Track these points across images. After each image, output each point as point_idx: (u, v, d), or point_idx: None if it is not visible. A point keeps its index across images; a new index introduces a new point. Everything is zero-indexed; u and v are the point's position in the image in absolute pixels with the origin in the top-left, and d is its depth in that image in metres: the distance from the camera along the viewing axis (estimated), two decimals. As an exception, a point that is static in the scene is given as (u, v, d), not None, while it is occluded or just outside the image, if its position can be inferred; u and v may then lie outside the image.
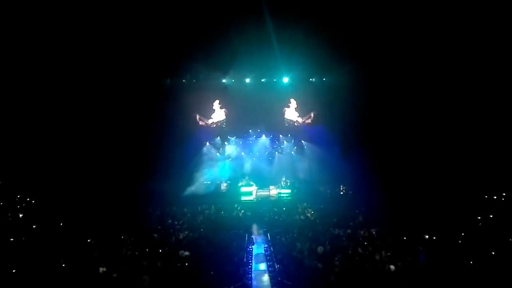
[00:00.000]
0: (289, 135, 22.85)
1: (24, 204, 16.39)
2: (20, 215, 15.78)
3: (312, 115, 21.83)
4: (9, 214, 15.46)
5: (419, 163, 18.19)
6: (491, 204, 15.01)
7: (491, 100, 16.97)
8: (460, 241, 11.68)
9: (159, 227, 14.68)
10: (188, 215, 16.48)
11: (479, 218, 13.88)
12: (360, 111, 19.78)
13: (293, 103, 21.94)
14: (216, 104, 21.74)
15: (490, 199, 15.35)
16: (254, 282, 10.63)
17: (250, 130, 22.89)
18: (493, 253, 10.33)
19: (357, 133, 20.06)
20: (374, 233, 13.10)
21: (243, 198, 19.60)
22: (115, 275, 9.67)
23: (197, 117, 21.56)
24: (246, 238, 13.58)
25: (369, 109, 19.66)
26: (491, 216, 13.88)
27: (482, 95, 17.08)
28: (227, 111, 21.95)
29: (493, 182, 16.04)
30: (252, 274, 10.96)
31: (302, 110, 22.03)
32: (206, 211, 17.02)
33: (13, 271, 9.99)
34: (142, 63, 18.23)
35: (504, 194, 15.27)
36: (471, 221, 13.65)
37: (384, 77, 19.15)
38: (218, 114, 21.95)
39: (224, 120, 22.09)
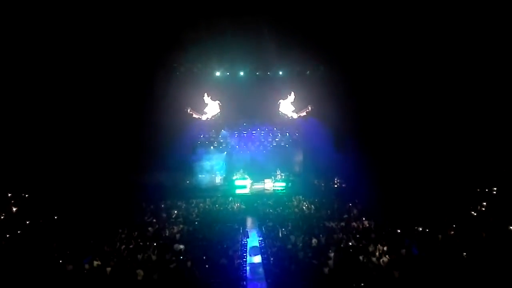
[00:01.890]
0: (284, 128, 22.82)
1: (17, 199, 16.23)
2: (14, 209, 15.66)
3: (309, 108, 21.76)
4: (3, 209, 15.32)
5: (413, 156, 18.33)
6: (483, 197, 15.22)
7: (481, 95, 17.12)
8: (452, 233, 11.83)
9: (154, 220, 14.64)
10: (183, 208, 16.48)
11: (471, 210, 14.08)
12: (354, 104, 19.81)
13: (291, 96, 21.85)
14: (206, 97, 21.57)
15: (483, 192, 15.56)
16: (248, 275, 10.68)
17: (245, 123, 22.83)
18: (485, 244, 10.48)
19: (351, 126, 20.08)
20: (368, 225, 13.24)
21: (238, 191, 19.61)
22: (109, 268, 9.66)
23: (189, 110, 21.42)
24: (241, 231, 13.60)
25: (363, 102, 19.69)
26: (484, 208, 14.09)
27: (473, 91, 17.22)
28: (221, 104, 21.82)
29: (485, 175, 16.25)
30: (247, 267, 10.99)
31: (297, 103, 21.98)
32: (201, 205, 17.03)
33: (7, 265, 9.91)
34: (135, 55, 17.97)
35: (495, 187, 15.49)
36: (464, 213, 13.84)
37: (379, 71, 19.15)
38: (212, 107, 21.81)
39: (219, 113, 21.98)
